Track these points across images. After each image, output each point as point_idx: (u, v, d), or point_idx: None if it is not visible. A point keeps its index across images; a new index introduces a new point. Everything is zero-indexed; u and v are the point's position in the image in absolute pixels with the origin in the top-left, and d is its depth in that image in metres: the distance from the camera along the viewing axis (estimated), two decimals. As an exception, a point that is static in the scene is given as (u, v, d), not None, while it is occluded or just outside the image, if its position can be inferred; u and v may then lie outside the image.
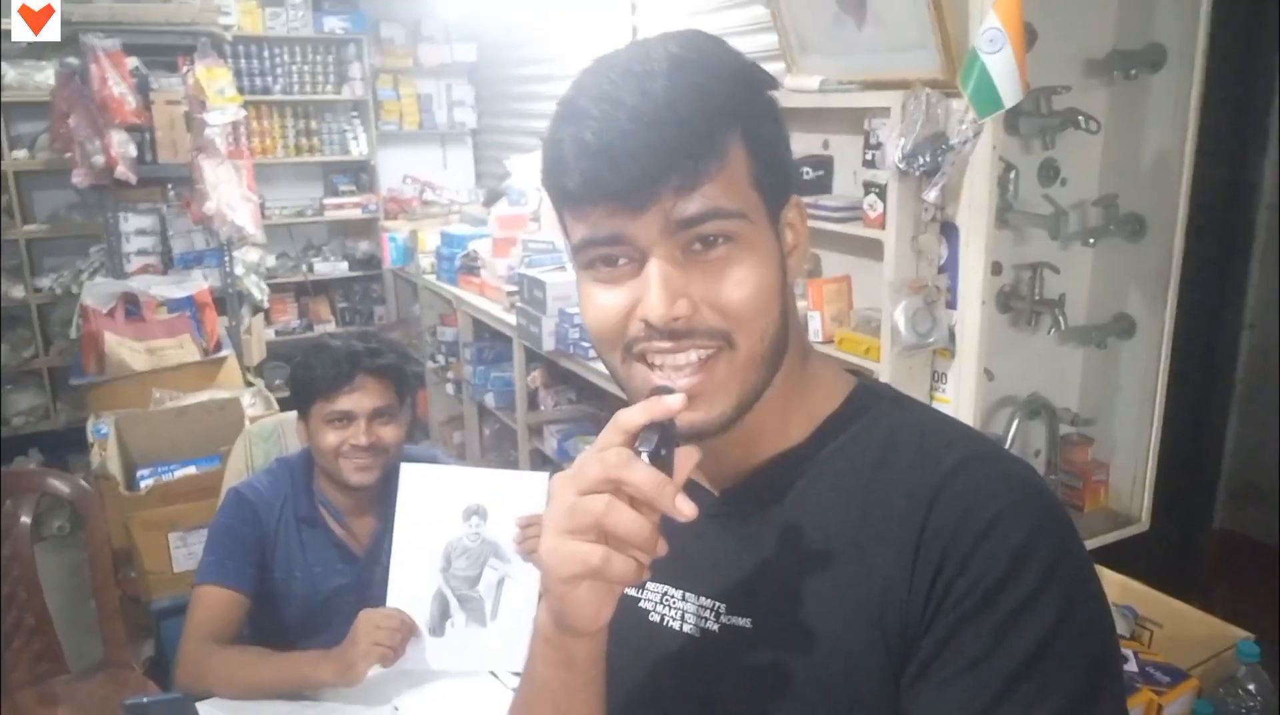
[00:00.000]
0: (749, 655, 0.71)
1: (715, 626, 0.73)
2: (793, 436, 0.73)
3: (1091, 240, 1.84)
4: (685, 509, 0.59)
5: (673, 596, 0.77)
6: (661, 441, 0.61)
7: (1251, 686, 1.40)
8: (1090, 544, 1.88)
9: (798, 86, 1.89)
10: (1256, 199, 2.21)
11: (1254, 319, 2.27)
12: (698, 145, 0.62)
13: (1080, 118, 1.71)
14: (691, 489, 0.76)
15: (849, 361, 1.70)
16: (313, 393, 1.77)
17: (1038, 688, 0.60)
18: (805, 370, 0.75)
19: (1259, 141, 2.18)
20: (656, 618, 0.78)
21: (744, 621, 0.72)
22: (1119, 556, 1.92)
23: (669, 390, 0.64)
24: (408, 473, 1.64)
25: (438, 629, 1.61)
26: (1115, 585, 1.85)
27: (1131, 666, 1.39)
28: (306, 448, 1.85)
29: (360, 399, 1.75)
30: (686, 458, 0.63)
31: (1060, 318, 1.80)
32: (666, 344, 0.65)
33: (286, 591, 1.80)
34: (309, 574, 1.81)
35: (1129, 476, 2.01)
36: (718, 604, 0.74)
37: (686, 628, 0.75)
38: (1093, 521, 1.98)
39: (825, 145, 1.96)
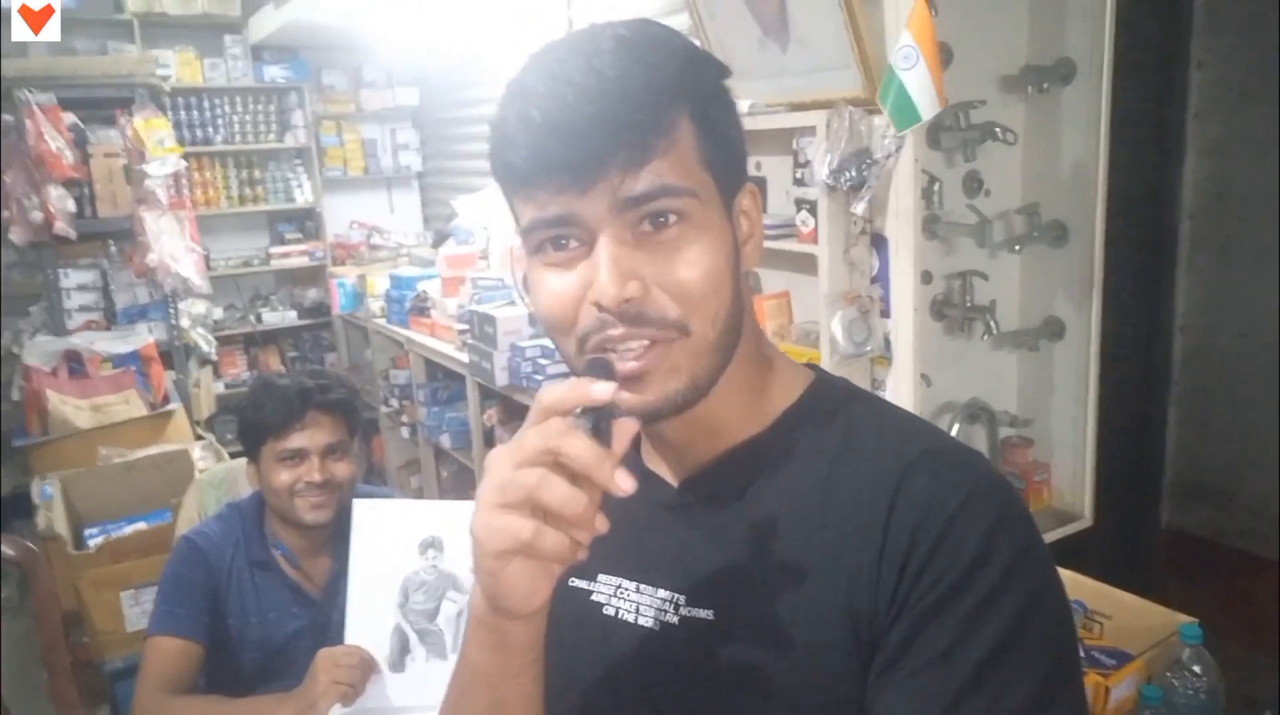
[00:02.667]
0: (712, 648, 0.70)
1: (675, 619, 0.72)
2: (751, 428, 0.73)
3: (1017, 247, 1.91)
4: (624, 483, 0.56)
5: (627, 589, 0.76)
6: (600, 417, 0.58)
7: (1196, 668, 1.44)
8: (1036, 542, 1.91)
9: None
10: (1177, 206, 2.30)
11: (1186, 322, 2.35)
12: (646, 121, 0.61)
13: (997, 129, 1.78)
14: (649, 480, 0.76)
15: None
16: (263, 432, 1.75)
17: (1005, 677, 0.60)
18: (761, 362, 0.74)
19: (1176, 151, 2.28)
20: (611, 611, 0.76)
21: (705, 614, 0.71)
22: (1066, 553, 1.96)
23: (605, 366, 0.63)
24: (360, 508, 1.64)
25: (398, 664, 1.59)
26: (1064, 580, 1.88)
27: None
28: (257, 491, 1.84)
29: (313, 435, 1.74)
30: (624, 430, 0.60)
31: (992, 323, 1.86)
32: (619, 331, 0.63)
33: (242, 638, 1.77)
34: (264, 619, 1.78)
35: (1070, 475, 2.06)
36: (677, 596, 0.72)
37: (644, 621, 0.74)
38: (1039, 520, 1.97)
39: (758, 167, 2.01)
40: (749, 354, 0.72)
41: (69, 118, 3.71)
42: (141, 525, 2.86)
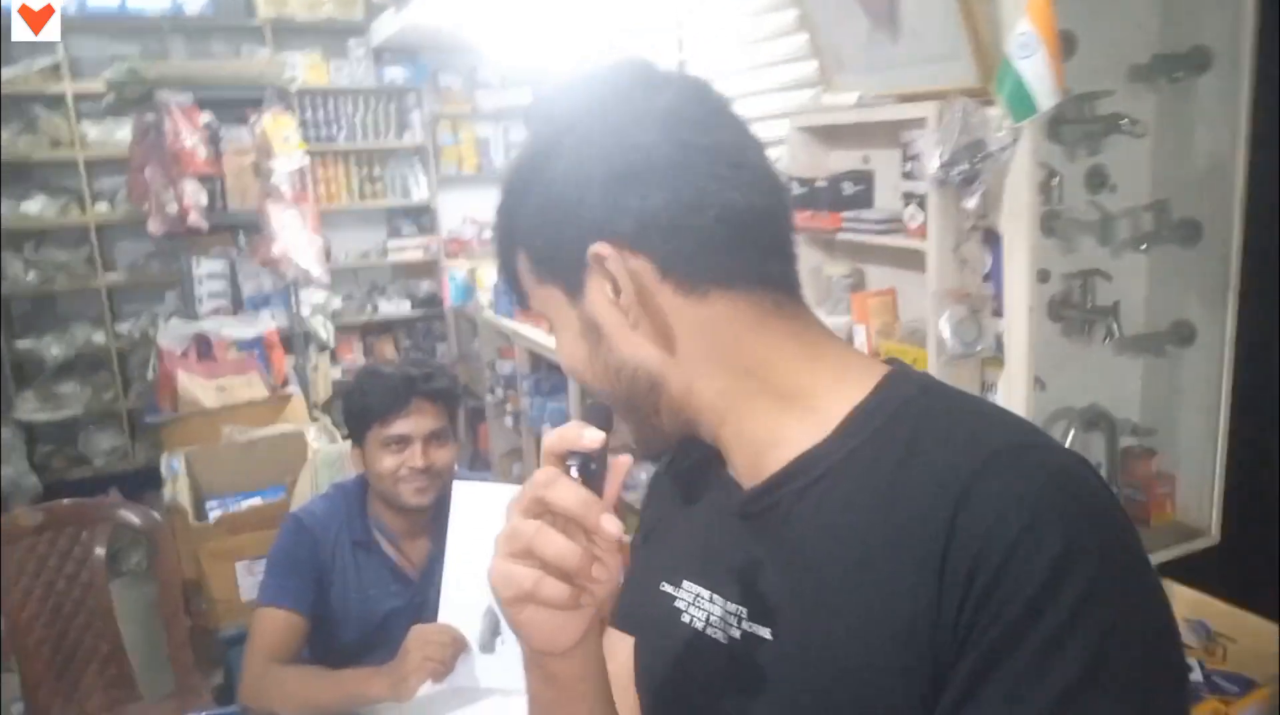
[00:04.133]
0: (768, 668, 0.67)
1: (738, 633, 0.70)
2: (814, 434, 0.69)
3: (1144, 246, 1.80)
4: (610, 528, 0.60)
5: (703, 598, 0.74)
6: (590, 458, 0.62)
7: (1330, 701, 1.34)
8: (1157, 558, 1.81)
9: (835, 104, 1.90)
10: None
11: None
12: (507, 270, 0.76)
13: (1125, 121, 1.68)
14: (726, 486, 0.75)
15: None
16: (368, 418, 1.81)
17: (1088, 712, 0.55)
18: (795, 377, 0.70)
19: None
20: (688, 619, 0.75)
21: (764, 631, 0.68)
22: (1189, 570, 1.85)
23: (603, 411, 0.68)
24: (461, 490, 1.67)
25: (488, 645, 1.62)
26: (1186, 600, 1.78)
27: (1196, 676, 1.34)
28: (361, 473, 1.90)
29: (416, 422, 1.79)
30: (617, 471, 0.64)
31: (1115, 326, 1.76)
32: None
33: (343, 614, 1.83)
34: (364, 596, 1.84)
35: (1196, 488, 1.94)
36: (740, 609, 0.70)
37: (713, 632, 0.72)
38: (1160, 535, 1.91)
39: (865, 160, 1.96)
40: (768, 377, 0.70)
41: (204, 117, 3.92)
42: (257, 501, 3.00)
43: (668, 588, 0.78)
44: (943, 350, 1.63)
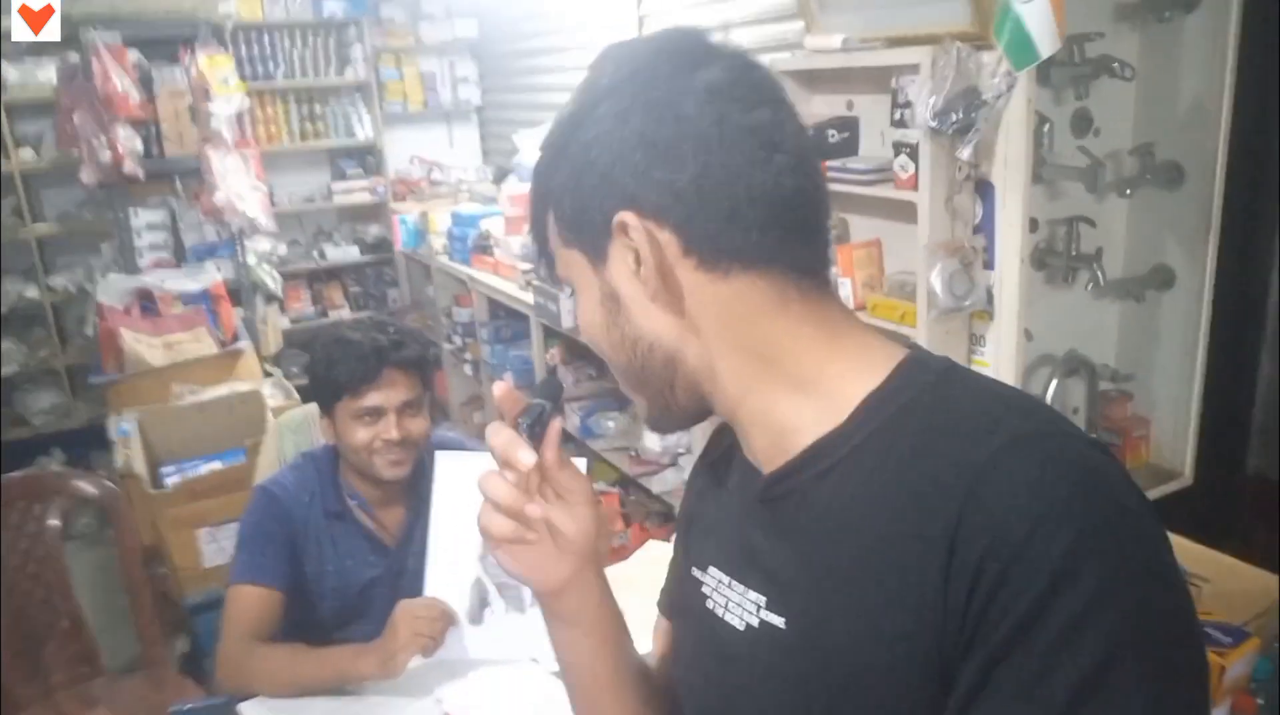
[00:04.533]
0: (781, 657, 0.68)
1: (756, 621, 0.70)
2: (829, 420, 0.67)
3: (1128, 191, 1.79)
4: (523, 458, 0.71)
5: (724, 584, 0.75)
6: (536, 420, 0.74)
7: (1307, 640, 1.37)
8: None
9: (819, 46, 1.83)
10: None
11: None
12: (536, 232, 0.76)
13: (1115, 64, 1.65)
14: (747, 472, 0.74)
15: (883, 328, 1.66)
16: (338, 390, 1.72)
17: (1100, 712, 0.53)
18: (809, 362, 0.69)
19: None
20: (712, 605, 0.75)
21: (779, 621, 0.68)
22: (1163, 512, 1.87)
23: (554, 385, 0.80)
24: (443, 461, 1.61)
25: (477, 617, 1.59)
26: (1162, 543, 1.81)
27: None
28: (331, 443, 1.83)
29: (389, 394, 1.71)
30: (554, 430, 0.76)
31: (1099, 272, 1.75)
32: None
33: (320, 586, 1.78)
34: (341, 567, 1.79)
35: (1170, 431, 1.97)
36: (759, 597, 0.70)
37: (733, 620, 0.72)
38: (1135, 478, 1.93)
39: (850, 106, 1.89)
40: (779, 361, 0.68)
41: (133, 56, 3.68)
42: (217, 465, 2.91)
43: (697, 573, 0.79)
44: (934, 304, 1.60)
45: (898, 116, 1.69)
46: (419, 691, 1.55)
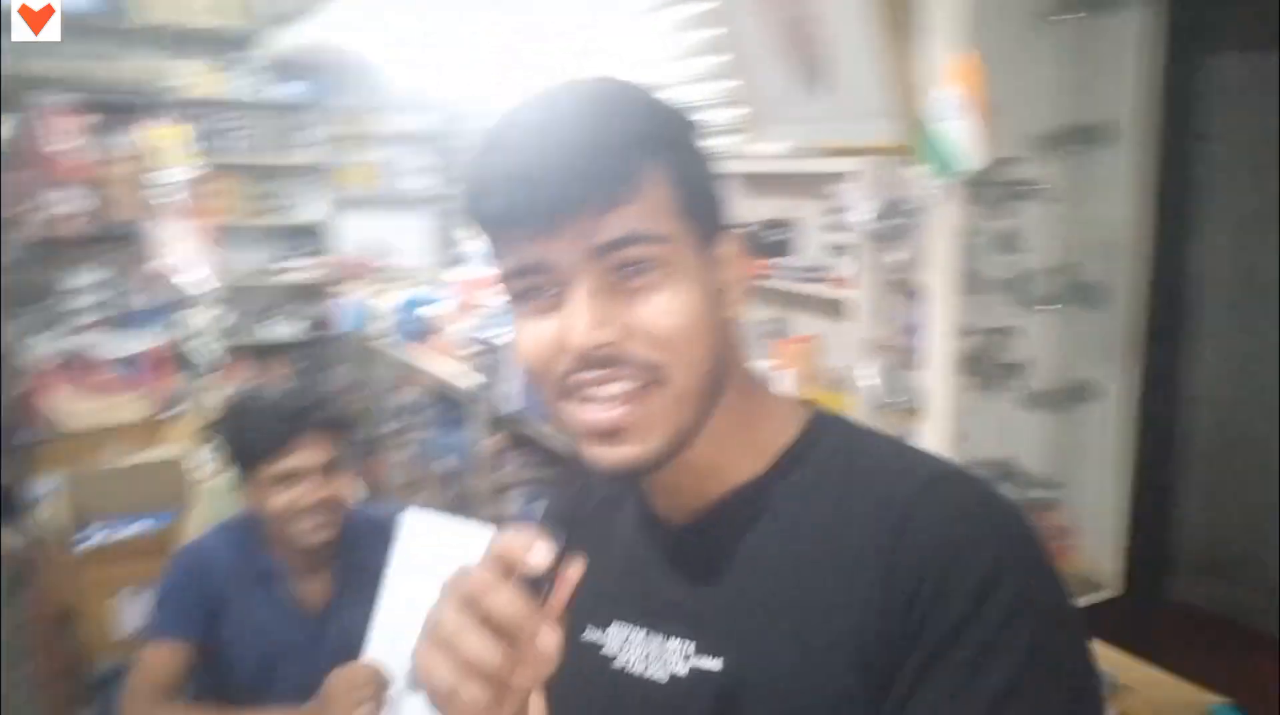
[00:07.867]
0: (720, 700, 0.67)
1: (684, 670, 0.69)
2: (751, 467, 0.71)
3: (1054, 306, 1.87)
4: (548, 646, 0.57)
5: (636, 639, 0.73)
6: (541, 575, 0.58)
7: (1229, 754, 1.38)
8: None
9: (758, 153, 1.91)
10: (1201, 278, 2.26)
11: (1210, 393, 2.31)
12: (613, 169, 0.62)
13: (1036, 186, 1.75)
14: (652, 524, 0.75)
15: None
16: (252, 456, 1.67)
17: (1027, 706, 0.59)
18: (753, 403, 0.73)
19: (1207, 222, 2.24)
20: (620, 665, 0.73)
21: (714, 663, 0.68)
22: (1090, 622, 1.90)
23: (561, 522, 0.63)
24: (411, 519, 1.55)
25: (417, 684, 1.51)
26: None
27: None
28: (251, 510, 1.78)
29: (306, 456, 1.66)
30: (566, 582, 0.60)
31: (1024, 382, 1.81)
32: (592, 374, 0.64)
33: (236, 652, 1.71)
34: (259, 635, 1.72)
35: (1098, 541, 2.01)
36: (686, 644, 0.70)
37: (653, 674, 0.71)
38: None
39: (785, 210, 1.98)
40: (739, 396, 0.71)
41: (87, 120, 3.69)
42: (140, 527, 2.80)
43: (593, 635, 0.76)
44: (872, 399, 1.64)
45: (832, 221, 1.77)
46: None
